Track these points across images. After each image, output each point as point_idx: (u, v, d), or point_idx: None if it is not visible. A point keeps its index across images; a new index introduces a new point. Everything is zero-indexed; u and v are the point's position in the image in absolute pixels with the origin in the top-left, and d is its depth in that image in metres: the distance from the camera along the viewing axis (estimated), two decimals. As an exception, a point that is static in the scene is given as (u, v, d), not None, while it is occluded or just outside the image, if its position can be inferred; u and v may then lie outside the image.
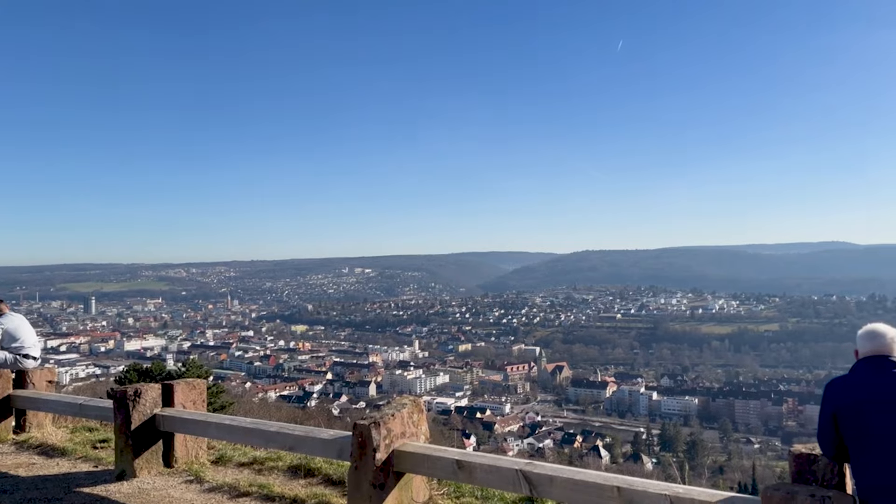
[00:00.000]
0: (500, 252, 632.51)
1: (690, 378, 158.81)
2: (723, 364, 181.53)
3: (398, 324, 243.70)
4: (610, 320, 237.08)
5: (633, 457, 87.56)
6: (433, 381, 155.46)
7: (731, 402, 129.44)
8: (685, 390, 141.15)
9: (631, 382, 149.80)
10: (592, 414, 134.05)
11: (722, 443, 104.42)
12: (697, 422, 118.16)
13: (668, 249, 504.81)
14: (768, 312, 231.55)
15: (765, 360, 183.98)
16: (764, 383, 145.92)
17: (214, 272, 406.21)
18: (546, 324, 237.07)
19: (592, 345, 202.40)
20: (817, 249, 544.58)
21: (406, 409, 5.39)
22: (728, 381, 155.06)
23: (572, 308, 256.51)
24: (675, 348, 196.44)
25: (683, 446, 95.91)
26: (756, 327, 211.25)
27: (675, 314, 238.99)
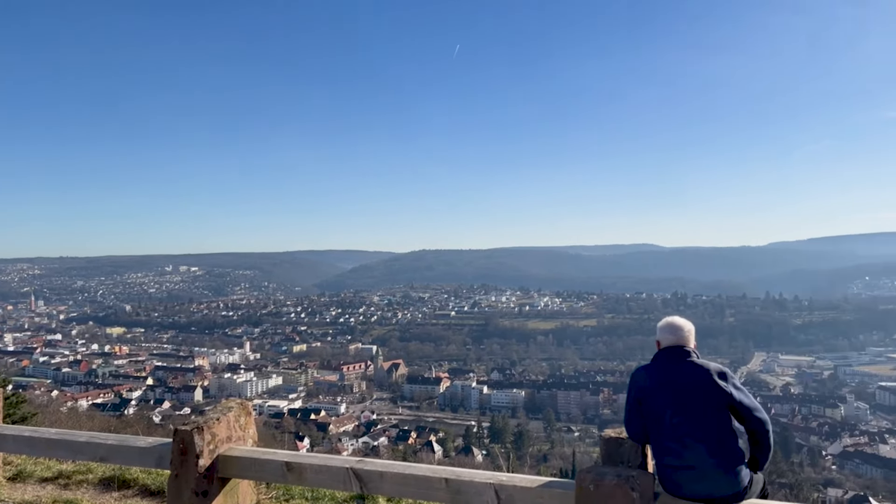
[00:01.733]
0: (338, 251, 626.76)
1: (518, 372, 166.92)
2: (547, 358, 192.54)
3: (228, 325, 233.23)
4: (445, 318, 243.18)
5: (465, 450, 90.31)
6: (265, 383, 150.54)
7: (554, 393, 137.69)
8: (513, 383, 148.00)
9: (463, 377, 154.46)
10: (427, 410, 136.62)
11: (546, 432, 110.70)
12: (524, 413, 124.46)
13: (499, 249, 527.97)
14: (587, 309, 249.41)
15: (584, 353, 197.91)
16: (583, 375, 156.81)
17: (15, 269, 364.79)
18: (383, 322, 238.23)
19: (428, 342, 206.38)
20: (630, 251, 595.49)
21: (233, 413, 5.13)
22: (552, 373, 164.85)
23: (409, 306, 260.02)
24: (504, 344, 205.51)
25: (511, 437, 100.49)
26: (577, 323, 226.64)
27: (505, 311, 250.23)
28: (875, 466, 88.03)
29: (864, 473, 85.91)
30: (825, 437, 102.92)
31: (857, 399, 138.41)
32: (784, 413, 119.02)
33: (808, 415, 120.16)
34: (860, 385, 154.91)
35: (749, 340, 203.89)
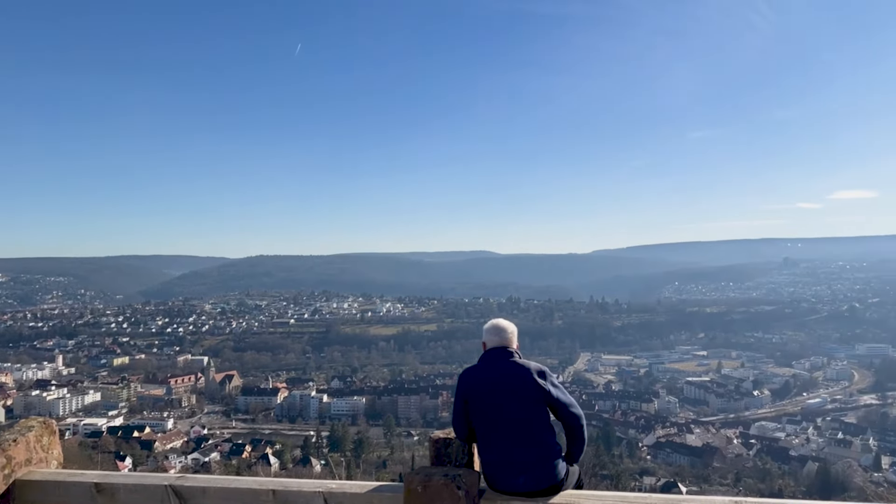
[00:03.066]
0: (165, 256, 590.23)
1: (359, 379, 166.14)
2: (389, 363, 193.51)
3: (36, 337, 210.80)
4: (283, 325, 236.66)
5: (304, 461, 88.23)
6: (81, 400, 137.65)
7: (395, 398, 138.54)
8: (354, 390, 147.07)
9: (302, 387, 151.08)
10: (263, 422, 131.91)
11: (386, 438, 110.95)
12: (365, 420, 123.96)
13: (341, 255, 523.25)
14: (428, 314, 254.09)
15: (424, 357, 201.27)
16: (423, 379, 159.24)
17: None
18: (216, 332, 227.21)
19: (265, 351, 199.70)
20: (469, 258, 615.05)
21: (33, 433, 4.63)
22: (393, 379, 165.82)
23: (245, 314, 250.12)
24: (345, 350, 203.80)
25: (351, 445, 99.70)
26: (418, 327, 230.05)
27: (347, 318, 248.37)
28: (683, 454, 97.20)
29: (674, 461, 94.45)
30: (641, 430, 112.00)
31: (668, 394, 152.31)
32: (606, 409, 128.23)
33: (627, 410, 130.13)
34: (671, 381, 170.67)
35: (576, 341, 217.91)
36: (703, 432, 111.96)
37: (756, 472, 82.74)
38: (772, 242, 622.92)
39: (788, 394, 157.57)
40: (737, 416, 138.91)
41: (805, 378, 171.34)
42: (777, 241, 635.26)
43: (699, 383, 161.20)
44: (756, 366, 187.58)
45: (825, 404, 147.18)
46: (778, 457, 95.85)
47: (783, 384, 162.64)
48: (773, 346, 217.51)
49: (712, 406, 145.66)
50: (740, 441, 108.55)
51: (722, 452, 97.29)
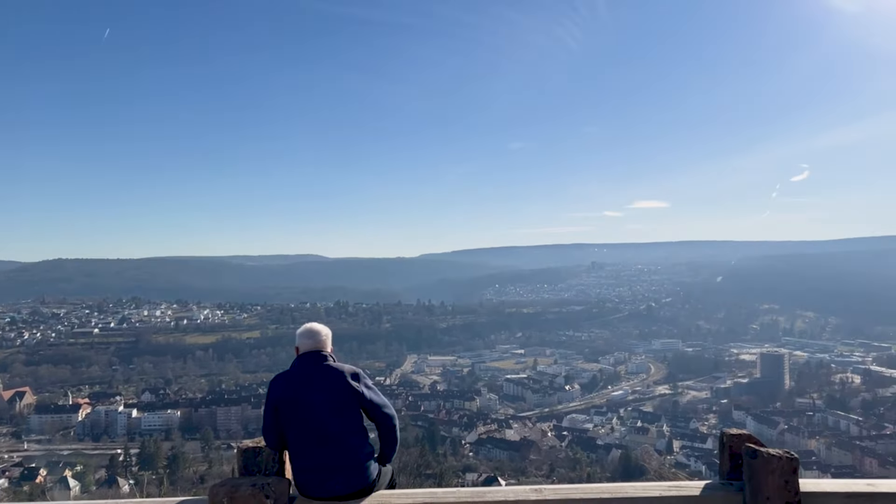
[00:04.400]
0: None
1: (174, 391, 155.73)
2: (207, 373, 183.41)
3: None
4: (86, 336, 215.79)
5: (109, 481, 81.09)
6: None
7: (213, 410, 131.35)
8: (168, 404, 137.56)
9: (108, 402, 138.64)
10: (62, 442, 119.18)
11: (204, 452, 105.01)
12: (180, 434, 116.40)
13: (152, 259, 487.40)
14: (251, 320, 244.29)
15: (246, 365, 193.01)
16: (245, 388, 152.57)
17: None
18: (5, 344, 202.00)
19: (63, 364, 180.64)
20: (295, 261, 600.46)
21: None
22: (211, 389, 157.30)
23: (40, 324, 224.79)
24: (158, 361, 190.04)
25: (164, 462, 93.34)
26: (239, 335, 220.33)
27: (160, 326, 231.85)
28: (503, 449, 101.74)
29: (494, 457, 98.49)
30: (464, 428, 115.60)
31: (489, 391, 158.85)
32: (432, 409, 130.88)
33: (451, 409, 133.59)
34: (491, 379, 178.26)
35: (403, 344, 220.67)
36: (521, 427, 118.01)
37: (568, 462, 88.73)
38: (581, 247, 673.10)
39: (596, 387, 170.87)
40: (551, 410, 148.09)
41: (610, 372, 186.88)
42: (586, 246, 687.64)
43: (517, 380, 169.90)
44: (568, 362, 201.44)
45: (627, 396, 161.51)
46: (587, 446, 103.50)
47: (591, 378, 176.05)
48: (583, 344, 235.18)
49: (529, 401, 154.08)
50: (554, 434, 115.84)
51: (538, 445, 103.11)
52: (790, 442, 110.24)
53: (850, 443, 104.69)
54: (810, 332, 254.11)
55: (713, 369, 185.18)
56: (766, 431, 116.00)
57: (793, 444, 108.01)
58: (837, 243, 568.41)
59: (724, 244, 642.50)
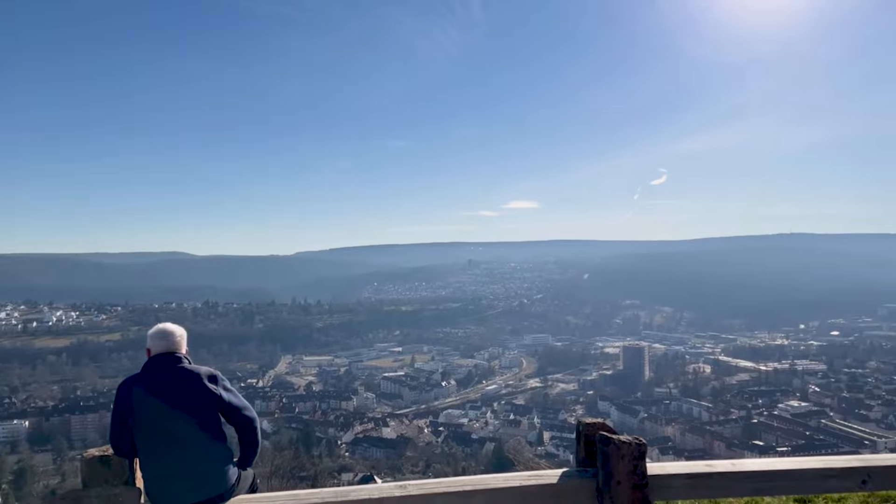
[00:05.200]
0: None
1: (21, 399, 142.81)
2: (60, 380, 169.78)
3: None
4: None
5: (-60, 503, 73.25)
6: None
7: (67, 418, 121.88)
8: (14, 413, 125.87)
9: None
10: None
11: (56, 464, 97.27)
12: (28, 446, 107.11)
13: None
14: (110, 322, 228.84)
15: (105, 370, 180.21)
16: (104, 394, 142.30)
17: None
18: None
19: None
20: (160, 259, 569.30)
21: None
22: (65, 396, 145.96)
23: None
24: (3, 368, 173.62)
25: (10, 476, 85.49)
26: (97, 337, 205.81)
27: (5, 329, 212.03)
28: (380, 448, 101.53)
29: (371, 455, 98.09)
30: (341, 428, 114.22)
31: (366, 390, 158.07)
32: (307, 410, 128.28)
33: (328, 409, 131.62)
34: (369, 377, 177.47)
35: (277, 344, 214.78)
36: (398, 424, 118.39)
37: (444, 457, 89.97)
38: (458, 246, 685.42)
39: (471, 382, 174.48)
40: (428, 406, 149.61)
41: (485, 367, 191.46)
42: (463, 244, 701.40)
43: (395, 378, 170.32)
44: (444, 358, 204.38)
45: (500, 390, 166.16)
46: (462, 441, 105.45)
47: (466, 374, 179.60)
48: (459, 340, 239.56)
49: (406, 399, 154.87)
50: (430, 430, 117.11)
51: (415, 442, 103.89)
52: (649, 429, 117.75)
53: (702, 428, 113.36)
54: (668, 325, 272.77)
55: (580, 362, 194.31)
56: (628, 420, 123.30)
57: (652, 431, 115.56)
58: (692, 243, 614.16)
59: (591, 243, 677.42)
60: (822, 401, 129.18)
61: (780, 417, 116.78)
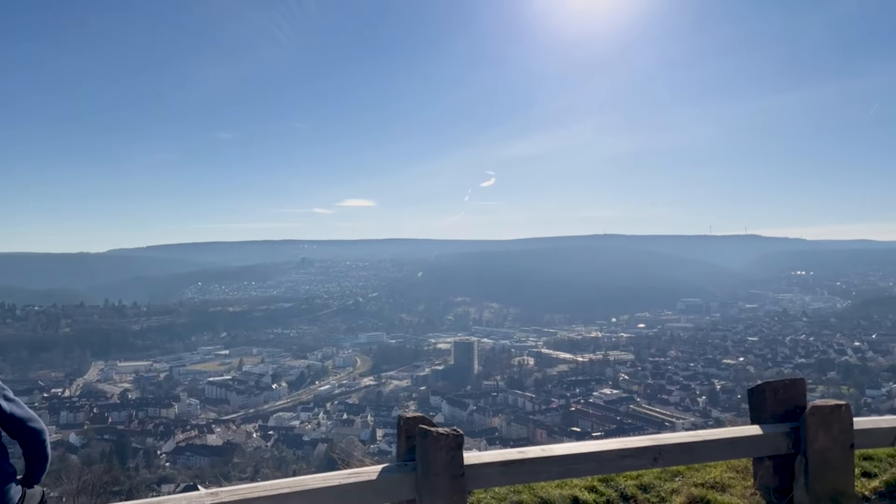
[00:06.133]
0: None
1: None
2: None
3: None
4: None
5: None
6: None
7: None
8: None
9: None
10: None
11: None
12: None
13: None
14: None
15: None
16: None
17: None
18: None
19: None
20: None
21: None
22: None
23: None
24: None
25: None
26: None
27: None
28: (204, 456, 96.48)
29: (194, 464, 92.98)
30: (160, 437, 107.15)
31: (189, 396, 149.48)
32: (122, 420, 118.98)
33: (145, 418, 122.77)
34: (192, 383, 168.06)
35: (87, 350, 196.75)
36: (225, 430, 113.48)
37: (274, 462, 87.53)
38: (291, 244, 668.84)
39: (303, 384, 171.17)
40: (257, 410, 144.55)
41: (318, 368, 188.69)
42: (295, 242, 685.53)
43: (221, 382, 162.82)
44: (275, 360, 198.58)
45: (334, 390, 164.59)
46: (293, 443, 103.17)
47: (299, 375, 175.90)
48: (291, 341, 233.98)
49: (234, 403, 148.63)
50: (260, 434, 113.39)
51: (242, 448, 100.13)
52: (478, 421, 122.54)
53: (526, 417, 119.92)
54: (496, 321, 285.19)
55: (414, 359, 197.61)
56: (458, 413, 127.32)
57: (480, 423, 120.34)
58: (518, 242, 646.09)
59: (425, 242, 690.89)
60: (631, 388, 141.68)
61: (594, 405, 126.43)
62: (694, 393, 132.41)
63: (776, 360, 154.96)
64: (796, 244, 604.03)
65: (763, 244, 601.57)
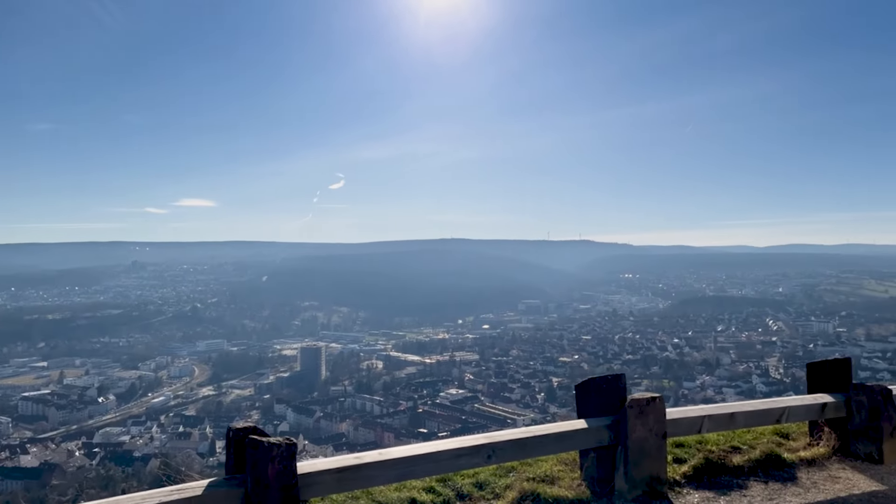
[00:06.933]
0: None
1: None
2: None
3: None
4: None
5: None
6: None
7: None
8: None
9: None
10: None
11: None
12: None
13: None
14: None
15: None
16: None
17: None
18: None
19: None
20: None
21: None
22: None
23: None
24: None
25: None
26: None
27: None
28: (16, 479, 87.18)
29: (5, 489, 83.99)
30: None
31: (0, 414, 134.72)
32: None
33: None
34: (3, 398, 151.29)
35: None
36: (42, 450, 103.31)
37: (99, 481, 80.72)
38: (120, 245, 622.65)
39: (134, 396, 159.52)
40: (80, 426, 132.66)
41: (151, 378, 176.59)
42: (125, 244, 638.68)
43: (37, 397, 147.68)
44: (102, 372, 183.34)
45: (169, 401, 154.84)
46: (122, 460, 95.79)
47: (129, 387, 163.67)
48: (120, 350, 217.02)
49: (53, 420, 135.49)
50: (83, 452, 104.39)
51: (62, 468, 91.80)
52: (325, 427, 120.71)
53: (374, 421, 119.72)
54: (345, 325, 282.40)
55: (258, 366, 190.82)
56: (304, 420, 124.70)
57: (327, 429, 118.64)
58: (367, 245, 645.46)
59: (271, 245, 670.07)
60: (476, 387, 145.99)
61: (441, 405, 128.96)
62: (533, 390, 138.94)
63: (607, 356, 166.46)
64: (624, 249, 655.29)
65: (595, 249, 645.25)
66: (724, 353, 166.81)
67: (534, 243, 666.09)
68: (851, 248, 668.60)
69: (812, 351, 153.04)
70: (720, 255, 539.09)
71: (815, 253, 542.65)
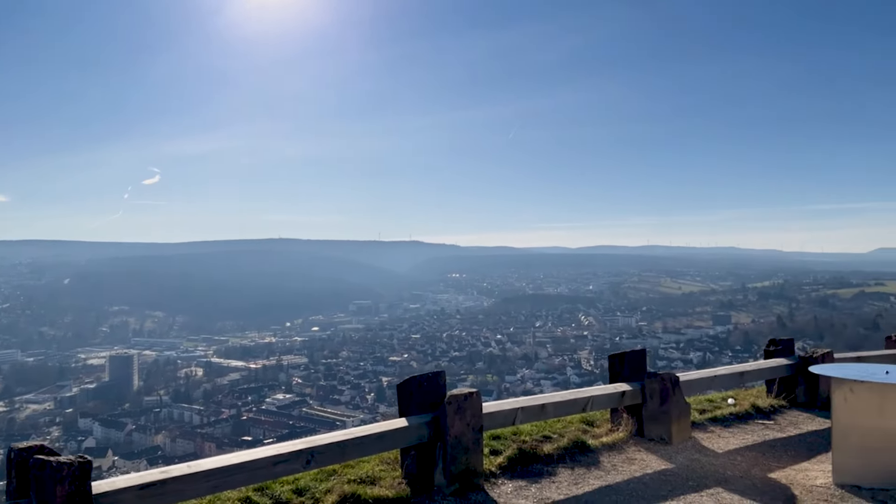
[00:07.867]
0: None
1: None
2: None
3: None
4: None
5: None
6: None
7: None
8: None
9: None
10: None
11: None
12: None
13: None
14: None
15: None
16: None
17: None
18: None
19: None
20: None
21: None
22: None
23: None
24: None
25: None
26: None
27: None
28: None
29: None
30: None
31: None
32: None
33: None
34: None
35: None
36: None
37: None
38: None
39: None
40: None
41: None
42: None
43: None
44: None
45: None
46: None
47: None
48: None
49: None
50: None
51: None
52: (138, 440, 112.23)
53: (193, 431, 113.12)
54: (160, 331, 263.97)
55: (58, 378, 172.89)
56: (114, 434, 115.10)
57: (140, 443, 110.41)
58: (185, 245, 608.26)
59: (74, 244, 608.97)
60: (304, 391, 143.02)
61: (267, 411, 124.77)
62: (364, 391, 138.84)
63: (435, 354, 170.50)
64: (452, 250, 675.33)
65: (425, 249, 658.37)
66: (541, 347, 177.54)
67: (365, 244, 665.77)
68: (651, 249, 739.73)
69: (618, 343, 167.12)
70: (538, 255, 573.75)
71: (621, 254, 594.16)
